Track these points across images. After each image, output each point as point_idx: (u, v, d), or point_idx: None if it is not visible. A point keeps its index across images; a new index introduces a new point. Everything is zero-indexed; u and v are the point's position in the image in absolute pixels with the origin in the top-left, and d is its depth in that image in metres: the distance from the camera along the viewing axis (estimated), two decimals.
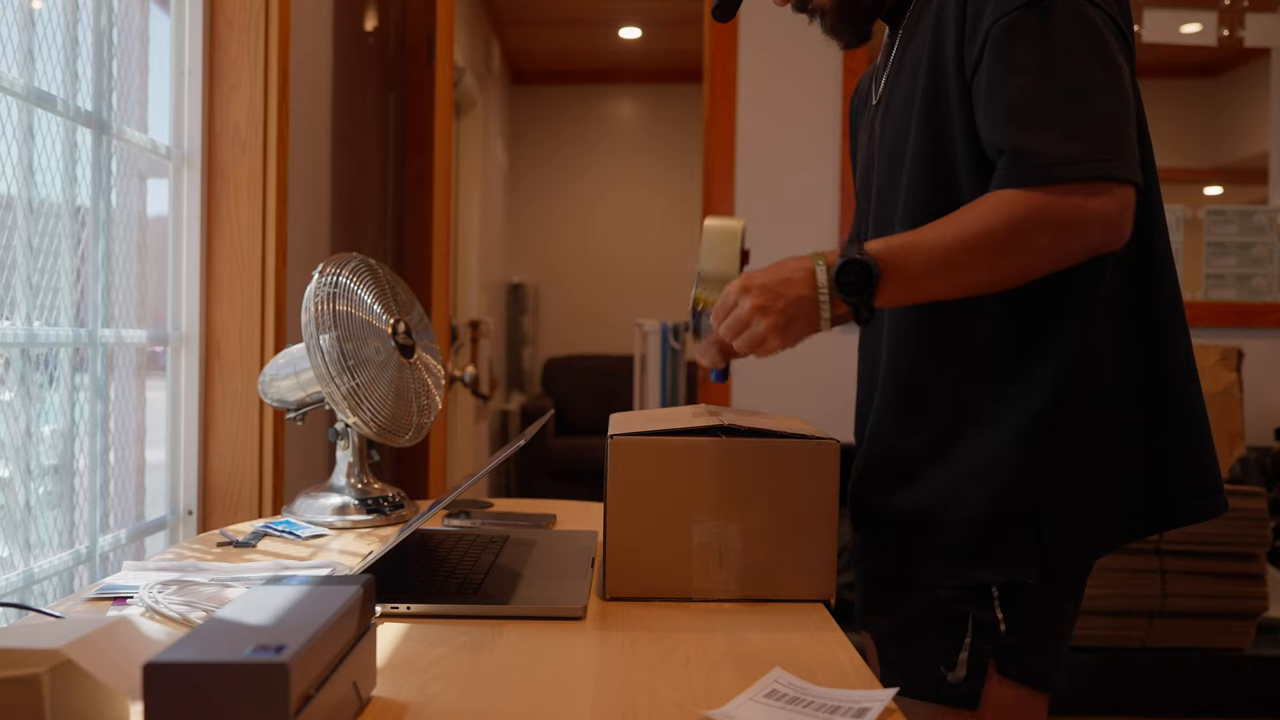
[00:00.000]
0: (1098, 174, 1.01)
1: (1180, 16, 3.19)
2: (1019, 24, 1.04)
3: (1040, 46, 1.04)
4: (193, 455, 1.74)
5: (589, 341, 6.84)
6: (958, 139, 1.11)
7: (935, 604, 1.15)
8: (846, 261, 1.05)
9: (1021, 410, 1.11)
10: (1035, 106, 1.03)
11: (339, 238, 2.26)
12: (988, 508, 1.12)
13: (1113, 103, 1.04)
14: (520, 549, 1.30)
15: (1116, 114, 1.04)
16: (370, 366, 1.43)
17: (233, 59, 1.76)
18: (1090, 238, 1.04)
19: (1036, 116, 1.03)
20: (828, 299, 1.06)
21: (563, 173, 6.90)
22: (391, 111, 2.71)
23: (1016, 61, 1.04)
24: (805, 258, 1.09)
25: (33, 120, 1.32)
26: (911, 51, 1.17)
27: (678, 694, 0.83)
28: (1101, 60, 1.04)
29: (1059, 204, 1.02)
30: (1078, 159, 1.01)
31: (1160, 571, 2.53)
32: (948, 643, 1.14)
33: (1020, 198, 1.03)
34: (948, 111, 1.11)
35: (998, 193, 1.04)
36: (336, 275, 1.45)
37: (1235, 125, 3.91)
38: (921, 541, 1.16)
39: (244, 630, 0.66)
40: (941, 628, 1.14)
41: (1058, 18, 1.04)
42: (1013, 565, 1.12)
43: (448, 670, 0.88)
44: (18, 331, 1.29)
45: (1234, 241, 3.20)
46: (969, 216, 1.05)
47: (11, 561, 1.29)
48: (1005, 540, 1.12)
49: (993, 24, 1.05)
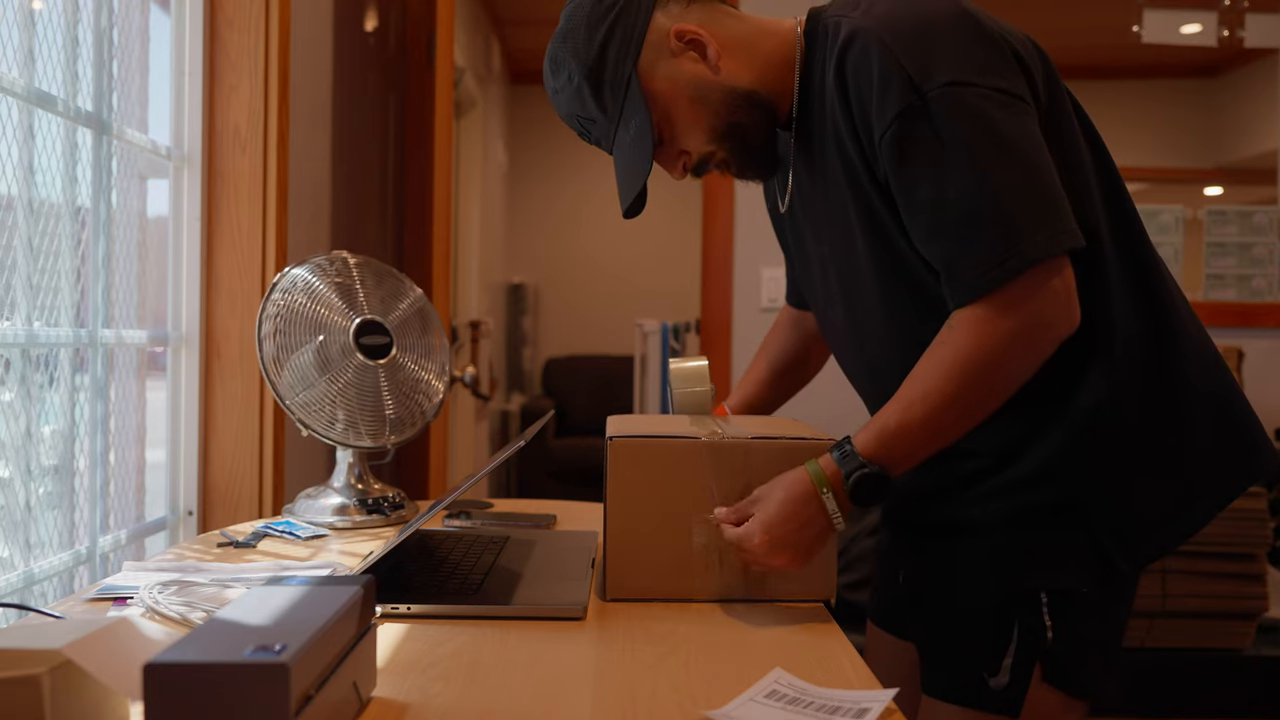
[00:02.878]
0: (1033, 257, 1.00)
1: (1180, 17, 3.19)
2: (902, 136, 1.03)
3: (928, 154, 1.02)
4: (193, 456, 1.74)
5: (589, 342, 6.84)
6: (898, 237, 1.10)
7: (981, 609, 1.13)
8: (857, 479, 1.04)
9: (1064, 416, 1.10)
10: (946, 219, 1.03)
11: (339, 238, 2.26)
12: (1039, 514, 1.11)
13: (1023, 183, 1.02)
14: (520, 549, 1.30)
15: (1031, 191, 1.02)
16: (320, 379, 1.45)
17: (233, 59, 1.76)
18: (1050, 327, 1.03)
19: (952, 228, 1.02)
20: (840, 515, 1.06)
21: (563, 173, 6.90)
22: (392, 111, 2.71)
23: (914, 177, 1.04)
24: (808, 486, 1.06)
25: (33, 120, 1.32)
26: (818, 153, 1.16)
27: (678, 694, 0.83)
28: (998, 145, 1.02)
29: (1008, 313, 1.01)
30: (1007, 250, 1.00)
31: (1161, 571, 2.53)
32: (992, 649, 1.12)
33: (970, 327, 1.03)
34: (882, 220, 1.11)
35: (950, 333, 1.04)
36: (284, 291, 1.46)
37: (1235, 125, 3.92)
38: (969, 547, 1.15)
39: (244, 630, 0.66)
40: (986, 633, 1.12)
41: (935, 118, 1.02)
42: (1066, 572, 1.10)
43: (448, 671, 0.88)
44: (18, 332, 1.29)
45: (1234, 242, 3.20)
46: (936, 371, 1.04)
47: (11, 562, 1.28)
48: (1059, 546, 1.11)
49: (880, 140, 1.04)
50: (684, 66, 1.15)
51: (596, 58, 1.14)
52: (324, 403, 1.46)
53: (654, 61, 1.15)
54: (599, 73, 1.15)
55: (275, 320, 1.45)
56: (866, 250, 1.14)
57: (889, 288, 1.14)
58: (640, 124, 1.15)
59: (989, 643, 1.12)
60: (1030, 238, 1.00)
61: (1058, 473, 1.11)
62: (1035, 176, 1.02)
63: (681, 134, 1.18)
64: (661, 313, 6.03)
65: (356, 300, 1.52)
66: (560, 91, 1.19)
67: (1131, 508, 1.11)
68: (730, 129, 1.16)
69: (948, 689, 1.15)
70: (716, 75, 1.15)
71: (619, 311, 6.72)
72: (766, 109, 1.17)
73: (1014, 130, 1.03)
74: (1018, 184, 1.02)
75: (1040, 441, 1.11)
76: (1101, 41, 4.19)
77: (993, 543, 1.13)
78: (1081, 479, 1.11)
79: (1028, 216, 1.01)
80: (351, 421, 1.48)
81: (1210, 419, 1.14)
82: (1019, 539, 1.12)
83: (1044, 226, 1.01)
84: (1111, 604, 1.16)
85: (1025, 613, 1.11)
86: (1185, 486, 1.13)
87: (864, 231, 1.13)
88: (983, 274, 1.01)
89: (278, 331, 1.45)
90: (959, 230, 1.02)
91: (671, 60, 1.15)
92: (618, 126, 1.17)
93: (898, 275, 1.12)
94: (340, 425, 1.47)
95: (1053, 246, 1.01)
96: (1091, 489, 1.11)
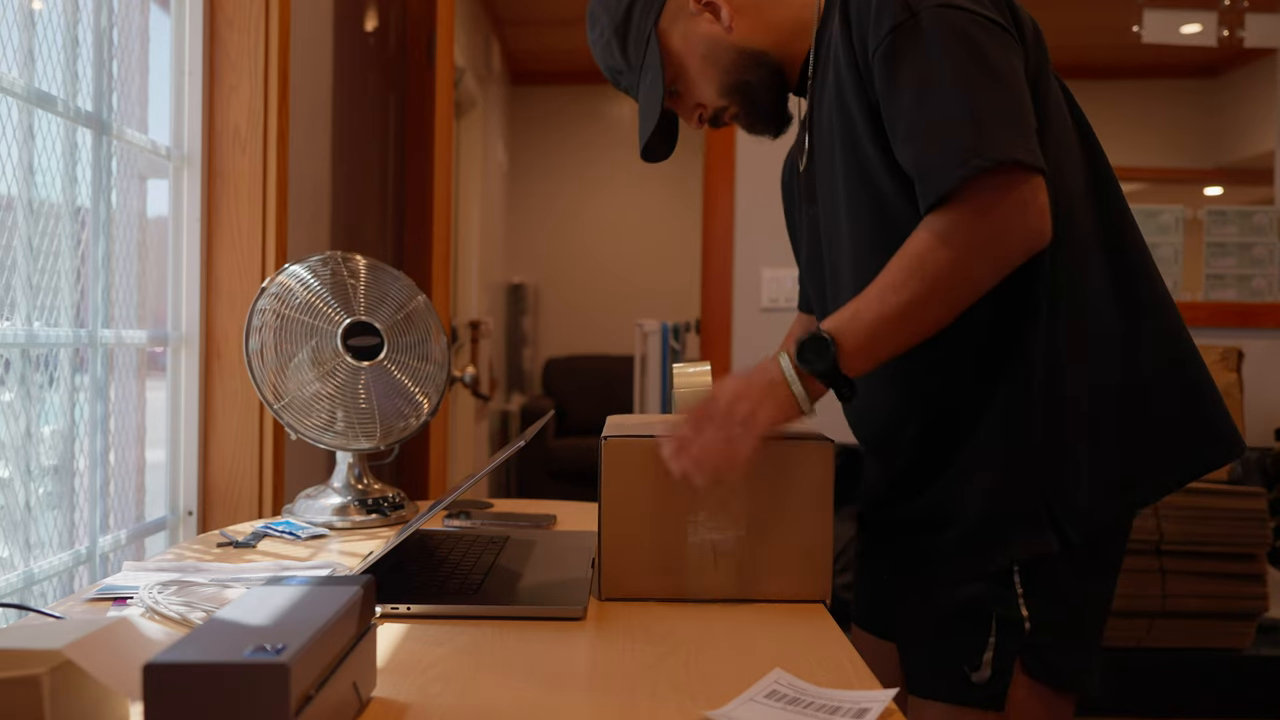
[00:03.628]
0: (998, 157, 1.01)
1: (1180, 17, 3.19)
2: (892, 50, 1.06)
3: (915, 65, 1.05)
4: (193, 456, 1.74)
5: (589, 342, 6.84)
6: (882, 174, 1.12)
7: (958, 603, 1.15)
8: (802, 341, 1.07)
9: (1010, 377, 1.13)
10: (923, 122, 1.05)
11: (339, 238, 2.26)
12: (994, 495, 1.13)
13: (999, 98, 1.04)
14: (520, 549, 1.30)
15: (1005, 106, 1.04)
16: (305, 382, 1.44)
17: (233, 59, 1.76)
18: (1015, 235, 1.04)
19: (926, 131, 1.05)
20: (795, 377, 1.07)
21: (563, 173, 6.90)
22: (392, 112, 2.71)
23: (899, 85, 1.06)
24: (769, 360, 1.11)
25: (33, 121, 1.32)
26: (823, 108, 1.20)
27: (678, 694, 0.83)
28: (980, 63, 1.04)
29: (974, 216, 1.03)
30: (974, 150, 1.01)
31: (1161, 572, 2.53)
32: (972, 643, 1.13)
33: (936, 227, 1.04)
34: (864, 151, 1.13)
35: (916, 232, 1.06)
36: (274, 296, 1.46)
37: (1235, 125, 3.92)
38: (935, 540, 1.17)
39: (244, 631, 0.66)
40: (965, 627, 1.14)
41: (926, 33, 1.05)
42: (1028, 541, 1.12)
43: (448, 671, 0.88)
44: (18, 332, 1.29)
45: (1234, 242, 3.20)
46: (900, 265, 1.06)
47: (11, 562, 1.28)
48: (1017, 521, 1.12)
49: (873, 55, 1.08)
50: (699, 27, 1.25)
51: (624, 15, 1.27)
52: (313, 405, 1.46)
53: (673, 21, 1.26)
54: (625, 29, 1.27)
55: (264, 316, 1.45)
56: (846, 197, 1.17)
57: (865, 231, 1.16)
58: (654, 78, 1.25)
59: (969, 637, 1.13)
60: (995, 140, 1.02)
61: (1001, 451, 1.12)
62: (1010, 98, 1.05)
63: (695, 89, 1.28)
64: (662, 313, 6.03)
65: (349, 300, 1.51)
66: (595, 44, 1.32)
67: (1079, 476, 1.12)
68: (739, 86, 1.26)
69: (932, 687, 1.16)
70: (729, 36, 1.25)
71: (619, 311, 6.72)
72: (775, 69, 1.26)
73: (997, 54, 1.06)
74: (993, 99, 1.04)
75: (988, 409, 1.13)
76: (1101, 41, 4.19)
77: (963, 529, 1.14)
78: (1027, 454, 1.12)
79: (997, 124, 1.03)
80: (348, 423, 1.48)
81: (1174, 401, 1.16)
82: (987, 520, 1.13)
83: (1014, 136, 1.03)
84: (1088, 581, 1.16)
85: (1002, 605, 1.12)
86: (1139, 460, 1.15)
87: (845, 172, 1.16)
88: (948, 173, 1.03)
89: (264, 327, 1.45)
90: (931, 134, 1.04)
91: (689, 20, 1.26)
92: (640, 78, 1.29)
93: (874, 215, 1.15)
94: (335, 427, 1.47)
95: (1018, 152, 1.02)
96: (1037, 456, 1.12)
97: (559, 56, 6.48)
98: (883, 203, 1.13)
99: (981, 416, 1.14)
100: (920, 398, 1.18)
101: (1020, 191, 1.03)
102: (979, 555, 1.14)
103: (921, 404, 1.18)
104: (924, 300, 1.05)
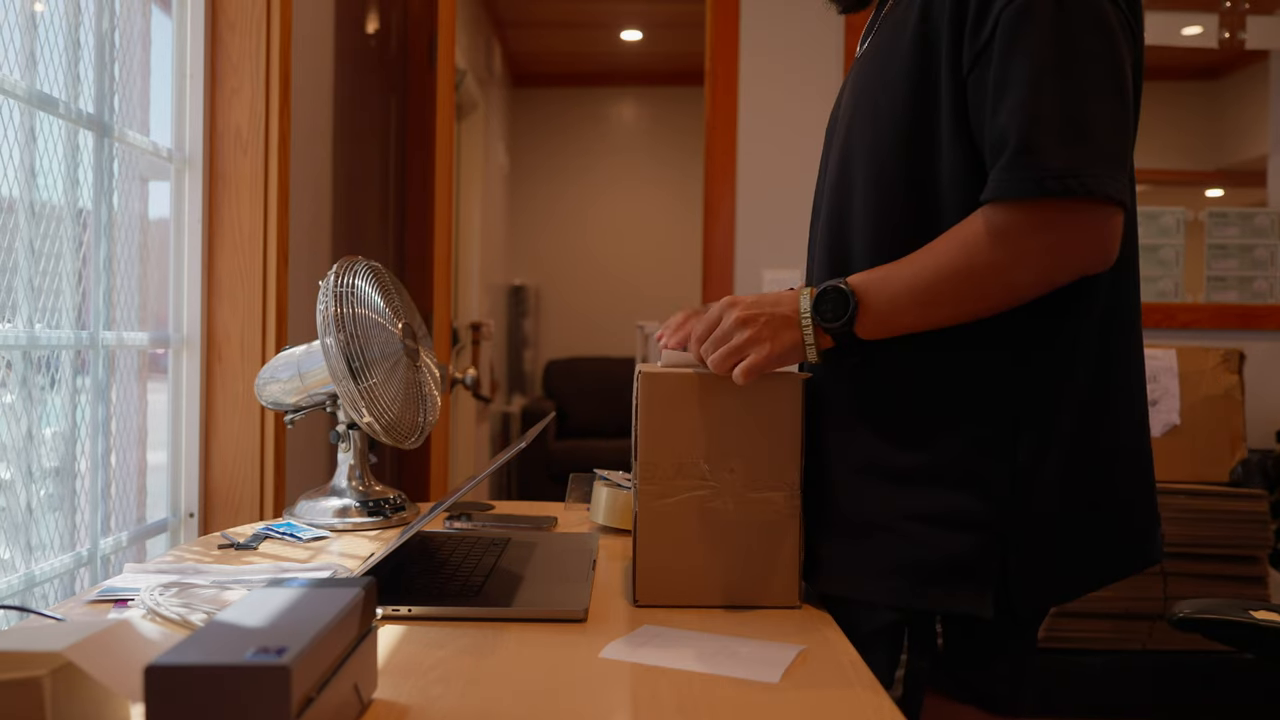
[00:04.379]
0: (1096, 190, 0.95)
1: (1181, 19, 3.19)
2: (1031, 9, 0.98)
3: (1056, 38, 0.97)
4: (194, 458, 1.74)
5: (590, 343, 6.84)
6: (944, 115, 1.05)
7: (874, 628, 1.09)
8: (825, 288, 1.04)
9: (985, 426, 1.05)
10: (1047, 102, 0.97)
11: (340, 240, 2.26)
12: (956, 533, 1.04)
13: (1120, 115, 0.99)
14: (521, 551, 1.30)
15: (1122, 126, 0.99)
16: (381, 367, 1.44)
17: (234, 62, 1.76)
18: (1078, 262, 1.00)
19: (1047, 113, 0.97)
20: (810, 324, 1.05)
21: (564, 175, 6.91)
22: (393, 114, 2.71)
23: (1029, 51, 0.98)
24: (788, 290, 1.08)
25: (35, 123, 1.32)
26: (900, 12, 1.12)
27: (678, 694, 0.83)
28: (1115, 64, 0.99)
29: (1038, 228, 0.98)
30: (1080, 170, 0.95)
31: (1162, 574, 2.53)
32: (883, 660, 1.08)
33: (996, 223, 0.98)
34: (936, 83, 1.05)
35: (974, 220, 1.01)
36: (350, 277, 1.45)
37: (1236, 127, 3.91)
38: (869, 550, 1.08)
39: (245, 633, 0.66)
40: (878, 644, 1.08)
41: (1073, 10, 0.98)
42: (971, 598, 1.03)
43: (449, 672, 0.88)
44: (19, 334, 1.29)
45: (1235, 244, 3.20)
46: (953, 247, 1.01)
47: (13, 564, 1.29)
48: (970, 571, 1.04)
49: (1005, 6, 1.00)
50: None
51: None
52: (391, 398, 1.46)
53: None
54: None
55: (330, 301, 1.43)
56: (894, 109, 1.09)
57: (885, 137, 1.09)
58: None
59: (879, 654, 1.07)
60: (1097, 170, 0.96)
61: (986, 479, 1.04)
62: (1124, 117, 1.00)
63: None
64: (663, 314, 6.03)
65: (395, 305, 1.53)
66: None
67: (1051, 549, 1.05)
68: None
69: None
70: None
71: (620, 313, 6.72)
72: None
73: (1123, 57, 1.01)
74: (1113, 115, 0.99)
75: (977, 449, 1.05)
76: None
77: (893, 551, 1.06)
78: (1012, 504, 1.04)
79: (1115, 158, 0.97)
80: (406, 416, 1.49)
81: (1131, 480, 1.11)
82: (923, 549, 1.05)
83: (1116, 169, 0.97)
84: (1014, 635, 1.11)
85: (916, 624, 1.09)
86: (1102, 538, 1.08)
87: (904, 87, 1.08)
88: (1037, 181, 0.96)
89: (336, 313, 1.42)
90: (1051, 121, 0.97)
91: None
92: None
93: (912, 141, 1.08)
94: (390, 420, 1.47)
95: (1109, 188, 0.96)
96: (1018, 518, 1.04)
97: (560, 59, 6.48)
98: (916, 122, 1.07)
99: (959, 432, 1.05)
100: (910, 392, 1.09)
101: (1094, 220, 0.98)
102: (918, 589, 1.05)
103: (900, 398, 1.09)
104: (957, 289, 1.01)
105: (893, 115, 1.08)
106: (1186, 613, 1.73)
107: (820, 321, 1.04)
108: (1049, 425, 1.05)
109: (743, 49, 3.17)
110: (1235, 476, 2.61)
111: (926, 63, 1.06)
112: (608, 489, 1.48)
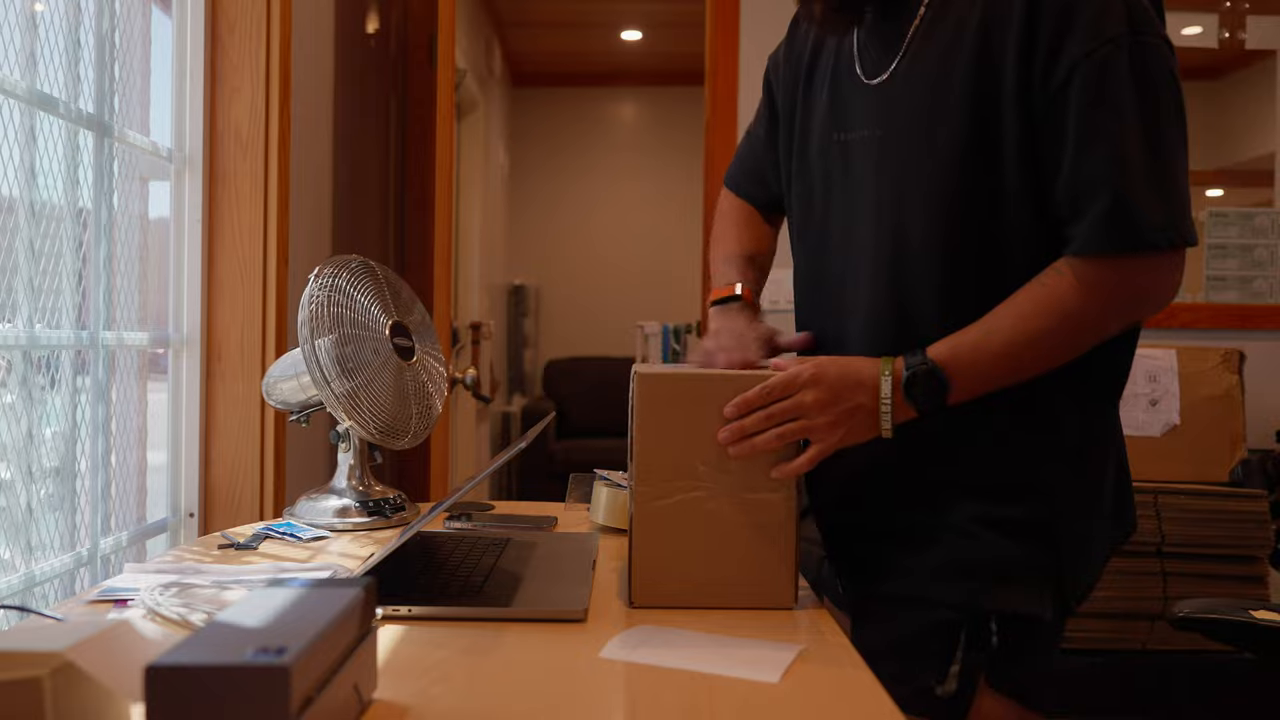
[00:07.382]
0: (1190, 240, 1.02)
1: (1181, 19, 3.19)
2: (1113, 63, 1.01)
3: (1139, 94, 1.01)
4: (194, 458, 1.74)
5: (590, 343, 6.84)
6: (1009, 152, 1.06)
7: (931, 624, 1.12)
8: (914, 372, 1.04)
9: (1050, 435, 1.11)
10: (1138, 160, 1.01)
11: (340, 240, 2.26)
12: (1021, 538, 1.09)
13: (1185, 163, 1.04)
14: (521, 551, 1.30)
15: (1186, 174, 1.05)
16: (367, 369, 1.43)
17: (234, 62, 1.76)
18: (1162, 303, 1.07)
19: (1140, 171, 1.01)
20: (889, 409, 1.05)
21: (564, 175, 6.91)
22: (393, 114, 2.71)
23: (1116, 107, 1.01)
24: (872, 365, 1.06)
25: (35, 123, 1.32)
26: (943, 39, 1.10)
27: (679, 695, 0.83)
28: (1184, 115, 1.04)
29: (1130, 276, 1.03)
30: (1169, 225, 1.01)
31: (1162, 574, 2.53)
32: (939, 656, 1.11)
33: (1087, 278, 1.02)
34: (998, 118, 1.06)
35: (1060, 276, 1.03)
36: (332, 278, 1.45)
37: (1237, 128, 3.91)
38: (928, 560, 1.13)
39: (245, 633, 0.66)
40: (933, 641, 1.12)
41: (1150, 64, 1.02)
42: (1035, 599, 1.09)
43: (449, 672, 0.88)
44: (19, 334, 1.29)
45: (1235, 244, 3.20)
46: (1041, 308, 1.03)
47: (13, 564, 1.29)
48: (1032, 573, 1.09)
49: (1084, 57, 1.01)
50: None
51: None
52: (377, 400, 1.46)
53: None
54: None
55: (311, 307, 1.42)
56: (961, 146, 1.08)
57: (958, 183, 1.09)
58: None
59: (936, 651, 1.11)
60: (1184, 221, 1.02)
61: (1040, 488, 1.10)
62: (1186, 165, 1.05)
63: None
64: (662, 314, 6.02)
65: (386, 303, 1.52)
66: None
67: (1089, 546, 1.13)
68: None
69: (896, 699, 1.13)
70: None
71: (620, 313, 6.72)
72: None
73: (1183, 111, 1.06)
74: (1185, 165, 1.04)
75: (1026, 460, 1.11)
76: None
77: (957, 553, 1.11)
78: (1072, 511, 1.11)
79: (1188, 199, 1.03)
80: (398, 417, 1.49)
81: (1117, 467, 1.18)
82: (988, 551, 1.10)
83: (1188, 216, 1.03)
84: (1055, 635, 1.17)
85: (973, 622, 1.11)
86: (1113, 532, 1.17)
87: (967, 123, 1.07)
88: (1144, 231, 1.00)
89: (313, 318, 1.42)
90: (1143, 180, 1.01)
91: None
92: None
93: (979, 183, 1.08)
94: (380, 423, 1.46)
95: (1191, 235, 1.03)
96: (1075, 523, 1.11)
97: (560, 59, 6.48)
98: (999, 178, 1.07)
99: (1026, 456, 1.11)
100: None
101: (1176, 264, 1.04)
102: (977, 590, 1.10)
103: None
104: (1052, 349, 1.05)
105: (955, 147, 1.08)
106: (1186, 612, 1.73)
107: (912, 404, 1.06)
108: (1109, 435, 1.14)
109: (743, 49, 3.17)
110: (1235, 476, 2.61)
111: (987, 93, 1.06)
112: (607, 489, 1.48)
